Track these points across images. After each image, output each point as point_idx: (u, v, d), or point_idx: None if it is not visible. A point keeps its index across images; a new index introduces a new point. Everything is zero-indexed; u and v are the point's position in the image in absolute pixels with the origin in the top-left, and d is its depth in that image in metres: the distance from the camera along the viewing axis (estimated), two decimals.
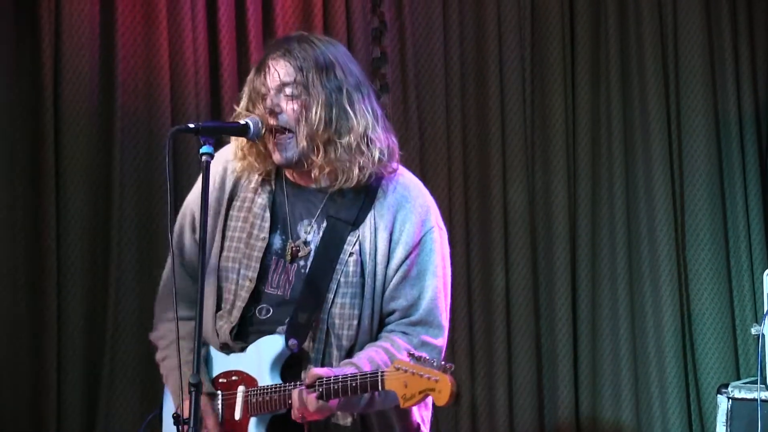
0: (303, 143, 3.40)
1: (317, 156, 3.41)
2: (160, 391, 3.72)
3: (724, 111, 6.32)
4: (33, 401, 5.18)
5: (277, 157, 3.44)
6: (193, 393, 3.05)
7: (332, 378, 3.23)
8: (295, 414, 3.29)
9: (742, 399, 5.24)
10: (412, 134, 5.88)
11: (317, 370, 3.26)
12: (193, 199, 3.63)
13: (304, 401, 3.24)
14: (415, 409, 3.53)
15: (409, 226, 3.46)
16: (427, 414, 3.60)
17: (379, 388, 3.16)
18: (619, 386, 6.17)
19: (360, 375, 3.20)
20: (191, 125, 3.27)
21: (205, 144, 3.22)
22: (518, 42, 6.17)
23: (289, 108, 3.41)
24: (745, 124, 6.30)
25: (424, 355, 3.15)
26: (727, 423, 5.25)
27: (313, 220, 3.49)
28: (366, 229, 3.45)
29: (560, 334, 6.17)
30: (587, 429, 6.17)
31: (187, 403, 3.13)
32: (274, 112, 3.41)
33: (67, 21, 5.20)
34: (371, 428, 3.47)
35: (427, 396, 3.10)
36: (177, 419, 3.06)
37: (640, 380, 6.18)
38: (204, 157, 3.22)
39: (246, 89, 3.49)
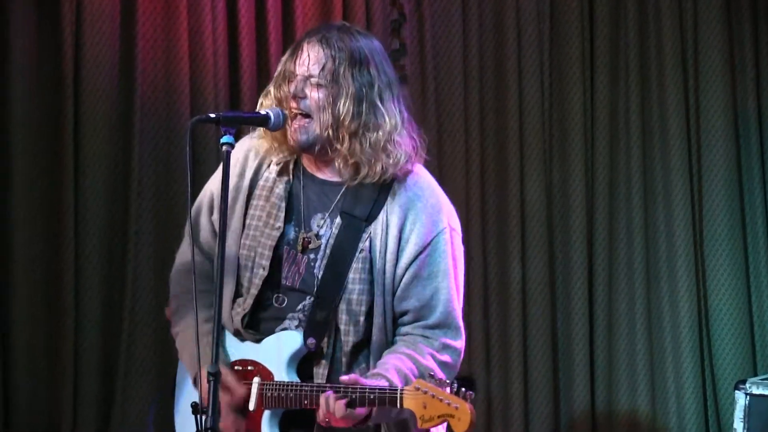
0: (326, 132, 3.41)
1: (342, 146, 3.41)
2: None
3: (743, 106, 6.29)
4: (49, 391, 5.19)
5: (293, 139, 3.44)
6: (212, 382, 3.04)
7: (350, 388, 3.24)
8: (320, 418, 3.29)
9: (760, 395, 5.23)
10: (429, 126, 5.87)
11: (359, 378, 3.26)
12: (214, 183, 3.64)
13: (332, 407, 3.24)
14: None
15: (420, 225, 3.44)
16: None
17: (397, 405, 3.17)
18: (635, 381, 6.15)
19: (379, 390, 3.21)
20: (212, 115, 3.27)
21: (225, 134, 3.21)
22: (537, 35, 6.15)
23: (313, 95, 3.41)
24: (764, 119, 6.27)
25: (443, 377, 3.16)
26: (744, 419, 5.24)
27: (327, 214, 3.50)
28: (378, 226, 3.45)
29: (576, 327, 6.16)
30: (602, 423, 6.16)
31: (203, 372, 3.14)
32: (297, 97, 3.42)
33: (88, 9, 5.21)
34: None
35: (445, 421, 3.11)
36: (195, 408, 3.06)
37: (656, 375, 6.16)
38: (225, 147, 3.21)
39: (278, 68, 3.50)
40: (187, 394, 3.59)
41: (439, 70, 5.98)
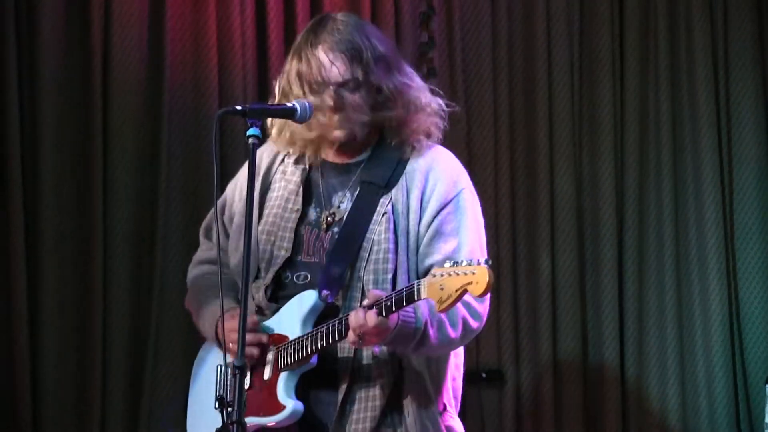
0: (360, 128, 3.48)
1: (390, 144, 3.52)
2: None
3: None
4: (78, 380, 5.23)
5: (334, 136, 3.50)
6: (238, 376, 3.04)
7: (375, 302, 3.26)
8: (351, 337, 3.28)
9: None
10: (458, 118, 5.85)
11: (378, 292, 3.28)
12: (230, 187, 3.73)
13: (363, 318, 3.23)
14: (446, 388, 3.54)
15: (440, 185, 3.49)
16: (457, 401, 3.60)
17: (416, 297, 3.17)
18: (665, 375, 6.12)
19: (396, 291, 3.23)
20: (238, 107, 3.28)
21: (252, 126, 3.24)
22: (566, 28, 6.12)
23: (352, 97, 3.47)
24: None
25: (463, 260, 3.15)
26: None
27: (347, 190, 3.55)
28: (398, 191, 3.49)
29: (606, 320, 6.12)
30: (633, 418, 6.12)
31: (231, 324, 3.27)
32: (338, 108, 3.47)
33: (117, 1, 5.24)
34: (406, 397, 3.46)
35: (464, 293, 3.09)
36: (221, 402, 3.06)
37: (686, 369, 6.12)
38: (251, 139, 3.23)
39: (291, 79, 3.52)
40: (201, 385, 3.61)
41: (468, 63, 5.96)
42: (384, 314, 3.21)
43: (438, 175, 3.50)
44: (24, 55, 5.14)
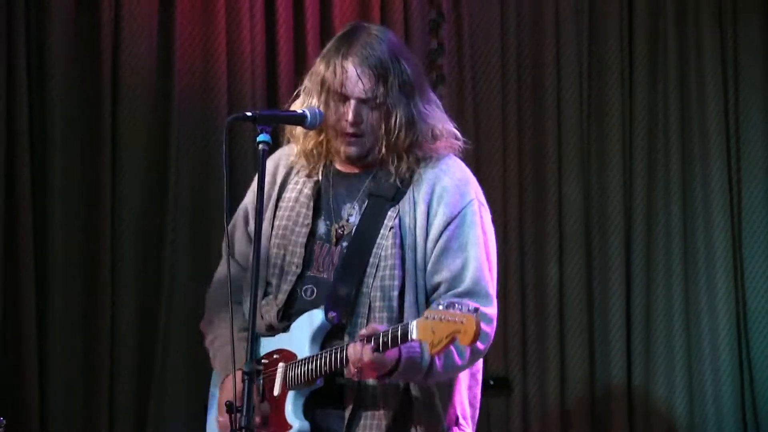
0: (377, 148, 3.47)
1: (400, 162, 3.48)
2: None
3: None
4: (85, 396, 5.23)
5: (345, 151, 3.49)
6: (247, 381, 3.04)
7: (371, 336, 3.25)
8: (350, 370, 3.28)
9: None
10: (467, 126, 5.84)
11: (375, 326, 3.27)
12: (248, 198, 3.70)
13: (360, 352, 3.23)
14: (460, 399, 3.53)
15: (447, 197, 3.46)
16: (474, 410, 3.59)
17: (409, 338, 3.17)
18: (673, 383, 6.11)
19: (392, 328, 3.22)
20: (248, 113, 3.29)
21: (262, 132, 3.24)
22: (575, 35, 6.12)
23: (370, 116, 3.46)
24: None
25: (454, 301, 3.14)
26: None
27: (355, 202, 3.53)
28: (405, 203, 3.47)
29: (614, 329, 6.12)
30: (640, 425, 6.12)
31: (238, 379, 3.18)
32: (356, 123, 3.45)
33: (127, 8, 5.25)
34: (413, 415, 3.45)
35: (453, 340, 3.11)
36: (230, 407, 3.07)
37: (694, 378, 6.12)
38: (261, 146, 3.23)
39: (315, 82, 3.51)
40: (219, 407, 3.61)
41: (477, 71, 5.96)
42: (380, 350, 3.22)
43: (445, 188, 3.47)
44: (33, 58, 5.15)
